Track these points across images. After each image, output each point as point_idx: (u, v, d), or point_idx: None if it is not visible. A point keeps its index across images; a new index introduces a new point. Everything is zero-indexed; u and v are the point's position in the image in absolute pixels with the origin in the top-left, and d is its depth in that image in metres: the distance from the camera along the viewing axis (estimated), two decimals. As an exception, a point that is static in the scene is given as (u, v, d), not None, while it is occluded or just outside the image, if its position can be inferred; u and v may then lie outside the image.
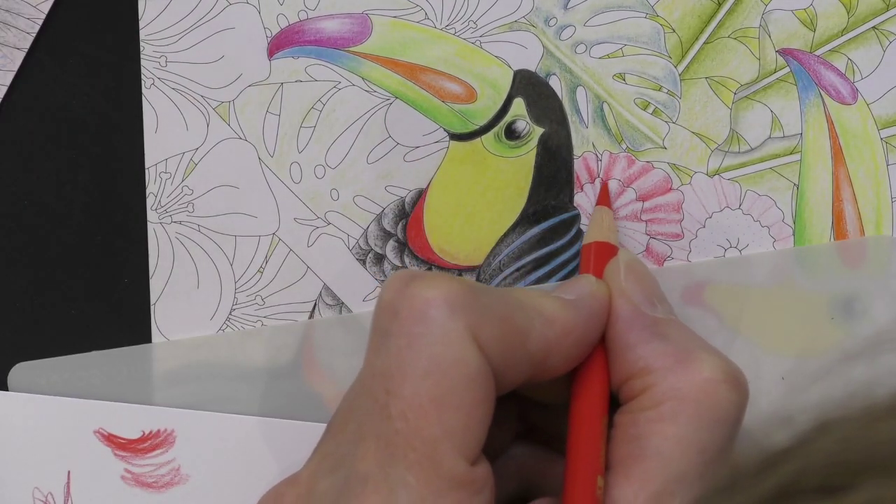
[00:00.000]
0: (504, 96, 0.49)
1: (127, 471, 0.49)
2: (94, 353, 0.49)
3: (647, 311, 0.41)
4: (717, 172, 0.48)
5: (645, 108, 0.48)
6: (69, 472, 0.49)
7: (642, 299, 0.41)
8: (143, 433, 0.48)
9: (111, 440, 0.49)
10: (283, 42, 0.49)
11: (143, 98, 0.50)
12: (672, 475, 0.38)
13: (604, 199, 0.47)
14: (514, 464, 0.43)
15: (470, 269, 0.48)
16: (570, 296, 0.41)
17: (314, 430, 0.41)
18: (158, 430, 0.48)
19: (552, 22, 0.48)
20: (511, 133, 0.48)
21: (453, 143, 0.49)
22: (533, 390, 0.42)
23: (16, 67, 0.50)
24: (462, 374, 0.37)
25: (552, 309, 0.40)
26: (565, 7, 0.48)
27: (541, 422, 0.44)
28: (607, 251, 0.44)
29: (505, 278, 0.48)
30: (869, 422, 0.26)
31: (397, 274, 0.39)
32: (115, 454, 0.49)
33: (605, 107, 0.48)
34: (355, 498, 0.36)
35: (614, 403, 0.41)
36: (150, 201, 0.50)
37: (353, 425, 0.38)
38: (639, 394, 0.40)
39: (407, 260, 0.49)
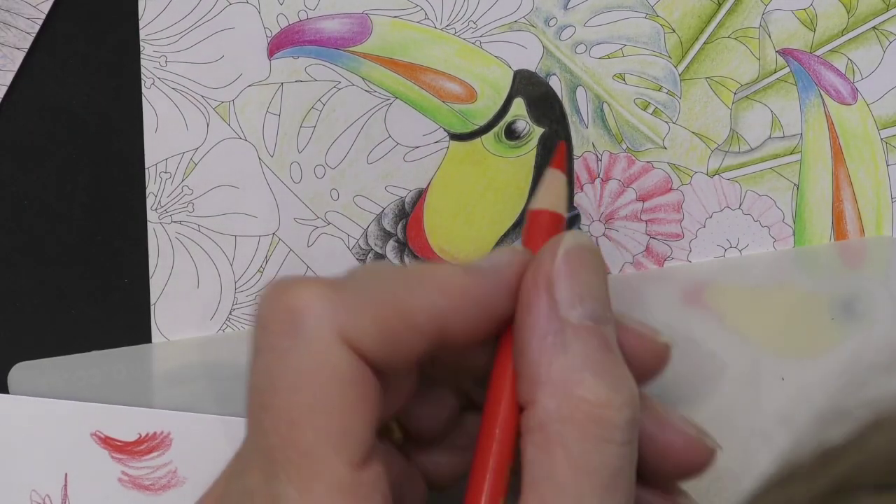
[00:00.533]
0: (504, 96, 0.49)
1: (124, 473, 0.49)
2: (94, 353, 0.49)
3: (562, 312, 0.38)
4: (717, 172, 0.48)
5: (645, 108, 0.48)
6: (66, 475, 0.49)
7: (565, 296, 0.38)
8: (140, 435, 0.48)
9: (108, 442, 0.49)
10: (283, 42, 0.49)
11: (143, 98, 0.50)
12: (568, 500, 0.36)
13: (559, 161, 0.42)
14: (467, 437, 0.42)
15: (470, 269, 0.48)
16: (484, 263, 0.39)
17: (314, 431, 0.41)
18: (155, 433, 0.48)
19: (552, 22, 0.49)
20: (511, 133, 0.48)
21: (453, 143, 0.49)
22: (460, 367, 0.41)
23: (16, 67, 0.50)
24: (332, 380, 0.36)
25: (446, 276, 0.38)
26: (565, 7, 0.48)
27: (480, 396, 0.43)
28: (553, 222, 0.41)
29: (505, 278, 0.48)
30: None
31: (269, 285, 0.38)
32: (112, 456, 0.49)
33: (605, 107, 0.48)
34: None
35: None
36: (150, 201, 0.50)
37: (248, 436, 0.38)
38: (528, 406, 0.38)
39: (407, 260, 0.49)
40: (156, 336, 0.49)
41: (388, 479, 0.37)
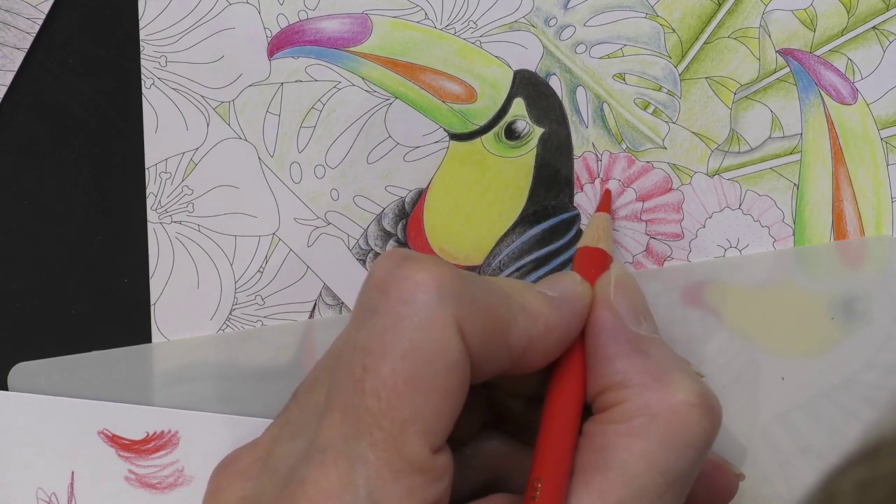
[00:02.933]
0: (504, 96, 0.49)
1: (131, 472, 0.49)
2: (94, 353, 0.49)
3: (631, 327, 0.41)
4: (717, 172, 0.48)
5: (645, 108, 0.48)
6: (73, 473, 0.49)
7: (628, 314, 0.41)
8: (147, 434, 0.48)
9: (115, 441, 0.49)
10: (283, 42, 0.49)
11: (143, 98, 0.50)
12: (632, 491, 0.38)
13: (605, 205, 0.47)
14: (483, 455, 0.43)
15: (470, 270, 0.48)
16: (554, 292, 0.41)
17: (315, 431, 0.41)
18: (162, 432, 0.48)
19: (552, 22, 0.48)
20: (511, 133, 0.48)
21: (453, 143, 0.49)
22: (506, 382, 0.43)
23: (16, 67, 0.50)
24: (441, 361, 0.37)
25: (536, 305, 0.40)
26: (565, 7, 0.48)
27: (512, 412, 0.44)
28: (601, 258, 0.44)
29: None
30: None
31: (390, 252, 0.39)
32: (119, 455, 0.49)
33: (605, 107, 0.48)
34: (313, 467, 0.37)
35: (587, 412, 0.41)
36: (150, 201, 0.50)
37: (321, 395, 0.38)
38: (612, 406, 0.40)
39: (407, 260, 0.49)
40: (156, 336, 0.49)
41: (453, 471, 0.38)
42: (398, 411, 0.36)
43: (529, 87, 0.49)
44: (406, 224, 0.49)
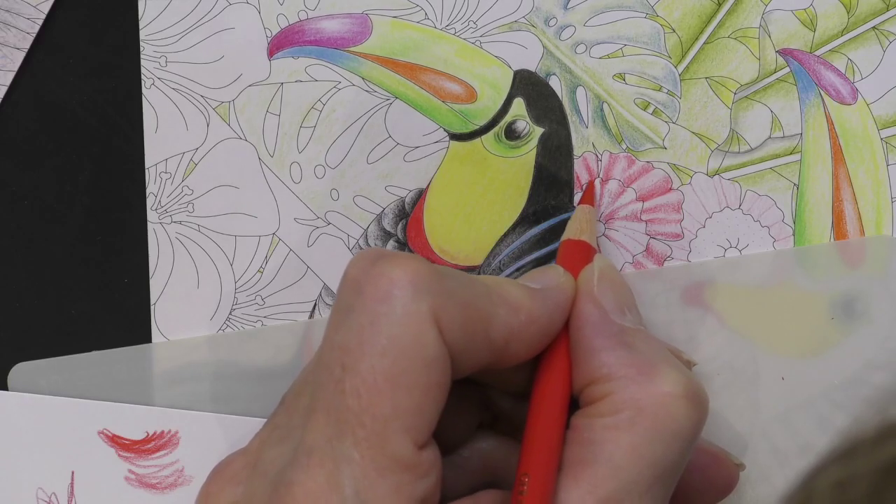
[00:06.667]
0: (504, 96, 0.49)
1: (131, 472, 0.49)
2: (94, 353, 0.49)
3: (616, 319, 0.41)
4: (717, 172, 0.48)
5: (645, 108, 0.48)
6: (73, 473, 0.49)
7: (612, 307, 0.41)
8: (147, 434, 0.49)
9: (115, 441, 0.49)
10: (283, 42, 0.49)
11: (143, 98, 0.50)
12: (621, 484, 0.38)
13: (588, 197, 0.47)
14: (479, 455, 0.43)
15: (470, 270, 0.48)
16: (537, 285, 0.41)
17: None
18: (162, 432, 0.48)
19: (552, 22, 0.49)
20: (511, 133, 0.48)
21: (453, 143, 0.49)
22: (495, 379, 0.43)
23: (16, 67, 0.50)
24: (420, 356, 0.37)
25: (518, 297, 0.40)
26: (565, 7, 0.48)
27: (506, 411, 0.44)
28: (584, 250, 0.44)
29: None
30: None
31: (364, 251, 0.39)
32: (119, 455, 0.49)
33: (605, 107, 0.48)
34: (300, 469, 0.37)
35: (574, 405, 0.41)
36: (150, 201, 0.50)
37: (306, 398, 0.38)
38: (598, 399, 0.40)
39: (407, 260, 0.49)
40: (156, 336, 0.49)
41: (440, 467, 0.38)
42: (379, 408, 0.36)
43: (529, 87, 0.49)
44: (406, 224, 0.49)
